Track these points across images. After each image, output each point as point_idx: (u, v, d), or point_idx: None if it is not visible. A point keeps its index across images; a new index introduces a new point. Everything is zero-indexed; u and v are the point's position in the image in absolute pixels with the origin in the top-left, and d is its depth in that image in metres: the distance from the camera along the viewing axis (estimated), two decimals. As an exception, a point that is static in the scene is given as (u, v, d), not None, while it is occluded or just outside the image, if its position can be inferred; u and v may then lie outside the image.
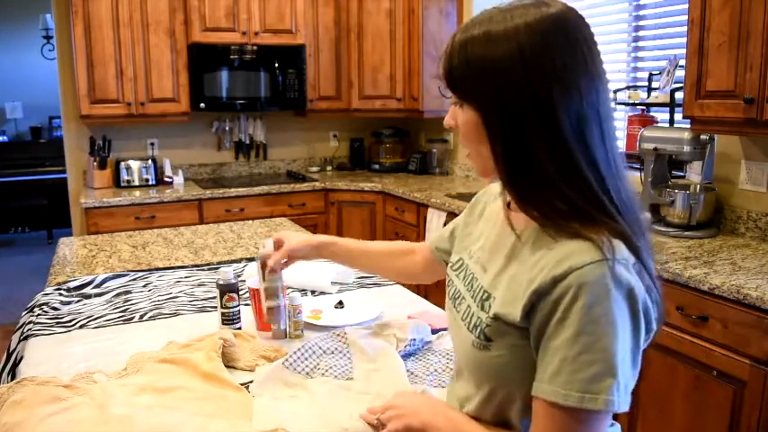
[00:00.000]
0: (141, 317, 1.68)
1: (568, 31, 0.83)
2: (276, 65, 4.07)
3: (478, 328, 0.91)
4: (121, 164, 3.94)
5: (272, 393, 1.22)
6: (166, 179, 4.08)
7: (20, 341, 1.57)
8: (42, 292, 1.84)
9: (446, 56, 0.88)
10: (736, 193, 2.51)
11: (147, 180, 3.99)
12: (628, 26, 3.16)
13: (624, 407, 0.79)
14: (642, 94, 2.90)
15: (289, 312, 1.50)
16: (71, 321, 1.64)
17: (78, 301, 1.80)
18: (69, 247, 2.46)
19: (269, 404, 1.18)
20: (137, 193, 3.78)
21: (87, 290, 1.88)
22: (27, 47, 6.98)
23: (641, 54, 3.14)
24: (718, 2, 2.13)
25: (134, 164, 3.98)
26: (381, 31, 4.24)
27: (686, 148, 2.44)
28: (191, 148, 4.34)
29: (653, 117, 2.91)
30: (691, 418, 2.00)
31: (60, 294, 1.82)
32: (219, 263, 2.19)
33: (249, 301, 1.61)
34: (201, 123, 4.31)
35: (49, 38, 6.77)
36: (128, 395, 1.19)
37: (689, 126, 2.38)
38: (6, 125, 7.17)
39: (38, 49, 6.92)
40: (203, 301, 1.79)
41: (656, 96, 2.76)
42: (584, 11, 1.53)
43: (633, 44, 3.15)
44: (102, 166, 3.91)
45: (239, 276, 1.89)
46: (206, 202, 3.83)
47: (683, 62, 2.42)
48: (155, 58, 3.82)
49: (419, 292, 2.00)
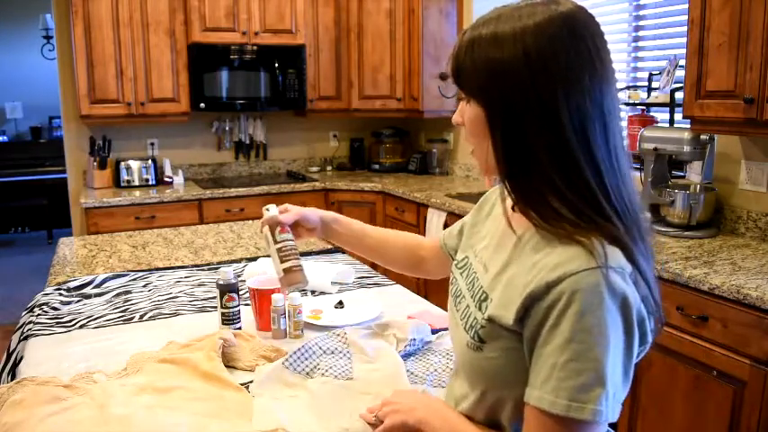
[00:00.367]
0: (141, 317, 1.68)
1: (576, 31, 0.83)
2: (276, 65, 4.07)
3: (473, 329, 0.91)
4: (121, 164, 3.95)
5: (271, 393, 1.22)
6: (166, 179, 4.08)
7: (20, 341, 1.57)
8: (42, 292, 1.84)
9: (454, 53, 0.89)
10: (736, 193, 2.51)
11: (147, 180, 3.99)
12: (628, 26, 3.16)
13: (613, 417, 0.78)
14: (642, 94, 2.90)
15: (289, 312, 1.51)
16: (71, 321, 1.64)
17: (78, 301, 1.80)
18: (69, 247, 2.46)
19: (269, 404, 1.18)
20: (137, 193, 3.78)
21: (87, 290, 1.88)
22: (27, 47, 6.98)
23: (641, 54, 3.14)
24: (718, 2, 2.13)
25: (134, 164, 3.98)
26: (381, 31, 4.24)
27: (686, 148, 2.44)
28: (191, 148, 4.34)
29: (653, 117, 2.91)
30: (691, 418, 2.00)
31: (60, 294, 1.82)
32: (219, 263, 2.18)
33: (249, 301, 1.61)
34: (201, 123, 4.31)
35: (49, 38, 6.77)
36: (128, 395, 1.19)
37: (689, 126, 2.38)
38: (6, 125, 7.17)
39: (38, 49, 6.92)
40: (203, 301, 1.79)
41: (656, 96, 2.76)
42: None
43: (633, 44, 3.15)
44: (102, 166, 3.91)
45: (239, 276, 1.89)
46: (206, 202, 3.83)
47: (683, 62, 2.42)
48: (155, 58, 3.82)
49: (419, 292, 2.00)
